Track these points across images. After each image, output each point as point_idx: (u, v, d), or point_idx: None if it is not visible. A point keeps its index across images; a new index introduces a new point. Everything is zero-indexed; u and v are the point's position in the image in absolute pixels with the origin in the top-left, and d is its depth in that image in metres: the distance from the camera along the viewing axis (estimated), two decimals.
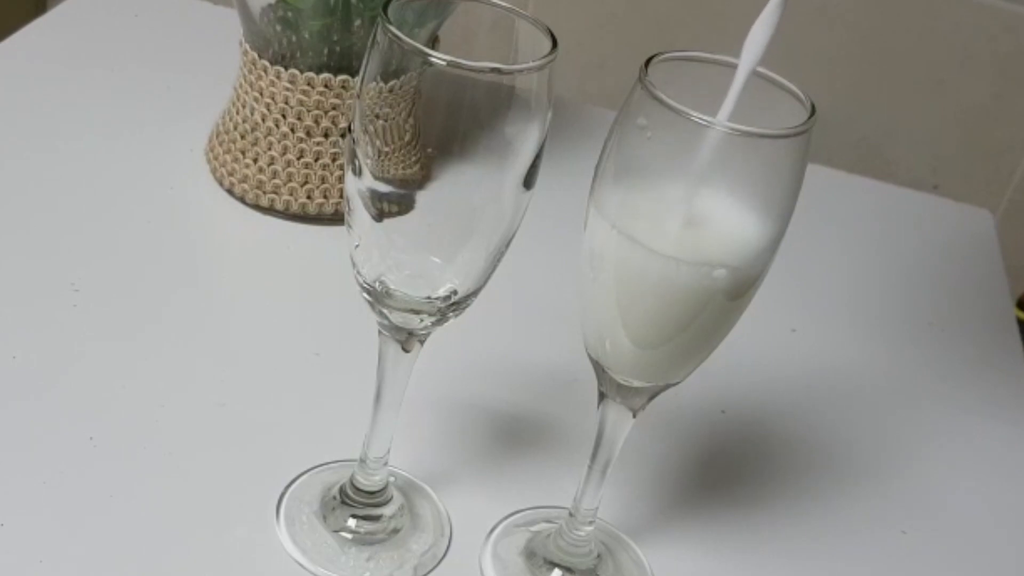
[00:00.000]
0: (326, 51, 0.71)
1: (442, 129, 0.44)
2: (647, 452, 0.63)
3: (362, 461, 0.54)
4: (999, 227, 0.94)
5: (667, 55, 0.45)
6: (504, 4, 0.47)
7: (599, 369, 0.50)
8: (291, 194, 0.73)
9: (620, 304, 0.46)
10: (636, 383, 0.49)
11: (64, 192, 0.73)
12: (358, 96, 0.45)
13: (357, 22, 0.70)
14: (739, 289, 0.45)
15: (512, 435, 0.63)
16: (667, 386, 0.50)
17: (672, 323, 0.46)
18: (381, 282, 0.48)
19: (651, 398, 0.50)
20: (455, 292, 0.48)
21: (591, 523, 0.54)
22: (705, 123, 0.42)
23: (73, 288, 0.65)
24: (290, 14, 0.70)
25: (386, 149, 0.45)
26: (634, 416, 0.51)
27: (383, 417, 0.53)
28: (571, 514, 0.55)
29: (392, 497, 0.56)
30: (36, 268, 0.66)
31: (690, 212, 0.44)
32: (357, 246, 0.48)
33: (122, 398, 0.59)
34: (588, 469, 0.53)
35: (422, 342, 0.50)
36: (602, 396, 0.51)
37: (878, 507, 0.64)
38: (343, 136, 0.73)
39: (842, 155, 1.13)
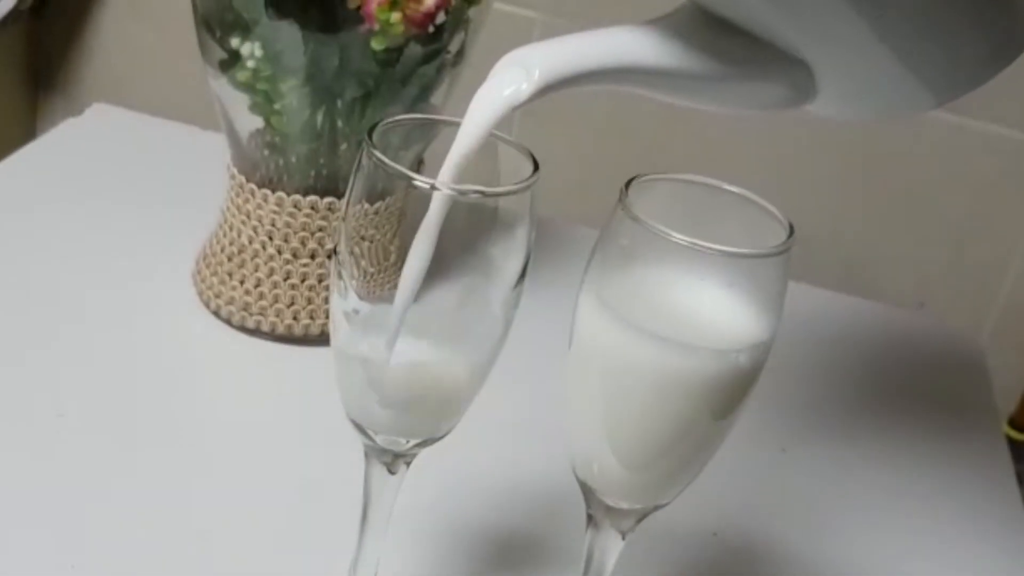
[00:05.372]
0: (312, 174, 0.72)
1: None
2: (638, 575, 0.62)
3: None
4: (987, 343, 0.94)
5: (647, 177, 0.46)
6: None
7: (587, 492, 0.49)
8: (277, 315, 0.73)
9: (608, 419, 0.46)
10: (625, 505, 0.49)
11: (50, 315, 0.73)
12: (344, 218, 0.46)
13: (343, 146, 0.71)
14: (724, 385, 0.45)
15: (500, 557, 0.62)
16: (656, 507, 0.49)
17: (659, 441, 0.46)
18: None
19: (640, 520, 0.49)
20: None
21: None
22: (687, 244, 0.42)
23: (58, 414, 0.65)
24: (277, 139, 0.71)
25: (372, 270, 0.45)
26: (623, 538, 0.50)
27: (369, 539, 0.52)
28: None
29: None
30: (21, 393, 0.66)
31: (679, 303, 0.45)
32: None
33: (104, 527, 0.58)
34: None
35: (408, 464, 0.50)
36: (590, 519, 0.50)
37: None
38: (329, 257, 0.73)
39: (826, 273, 1.14)
